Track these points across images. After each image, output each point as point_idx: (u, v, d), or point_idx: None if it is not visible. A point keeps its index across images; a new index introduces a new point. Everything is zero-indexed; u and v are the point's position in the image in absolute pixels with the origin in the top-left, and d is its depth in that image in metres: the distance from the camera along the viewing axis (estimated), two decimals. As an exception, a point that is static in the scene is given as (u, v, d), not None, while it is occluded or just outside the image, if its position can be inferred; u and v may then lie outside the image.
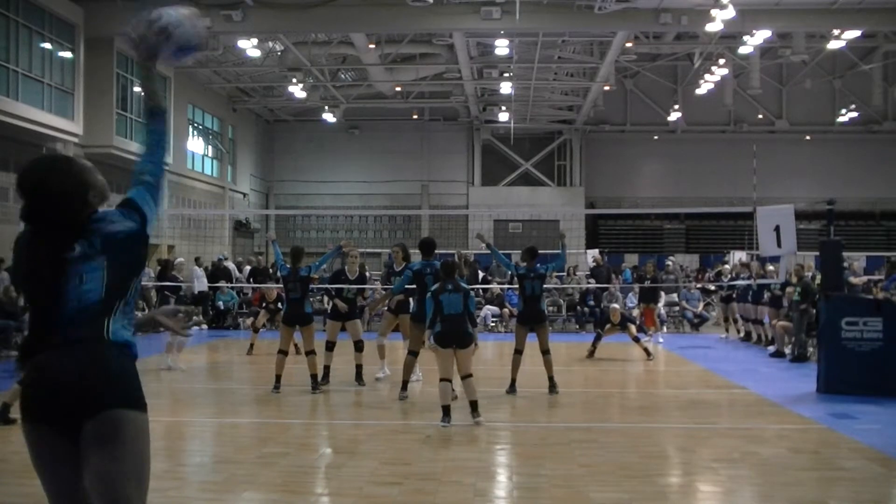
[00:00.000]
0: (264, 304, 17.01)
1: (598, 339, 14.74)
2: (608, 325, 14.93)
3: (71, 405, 2.85)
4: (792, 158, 33.08)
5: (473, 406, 8.48)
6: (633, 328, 14.66)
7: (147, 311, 20.14)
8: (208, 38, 22.96)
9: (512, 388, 10.43)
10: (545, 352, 10.46)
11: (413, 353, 10.27)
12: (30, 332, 2.96)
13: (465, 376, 8.52)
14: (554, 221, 32.93)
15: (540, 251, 10.99)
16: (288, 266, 10.88)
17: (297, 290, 10.72)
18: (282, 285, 11.57)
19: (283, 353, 10.67)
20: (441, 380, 8.51)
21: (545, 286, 11.08)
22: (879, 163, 33.67)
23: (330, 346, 11.39)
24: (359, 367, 11.29)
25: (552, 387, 10.42)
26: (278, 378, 10.56)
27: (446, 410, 8.43)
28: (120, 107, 21.53)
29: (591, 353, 14.44)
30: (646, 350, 14.32)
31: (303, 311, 10.72)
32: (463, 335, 8.54)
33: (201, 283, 21.31)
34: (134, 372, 3.08)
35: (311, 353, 10.54)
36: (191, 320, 10.41)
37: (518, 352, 10.47)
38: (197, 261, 22.09)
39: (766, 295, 16.28)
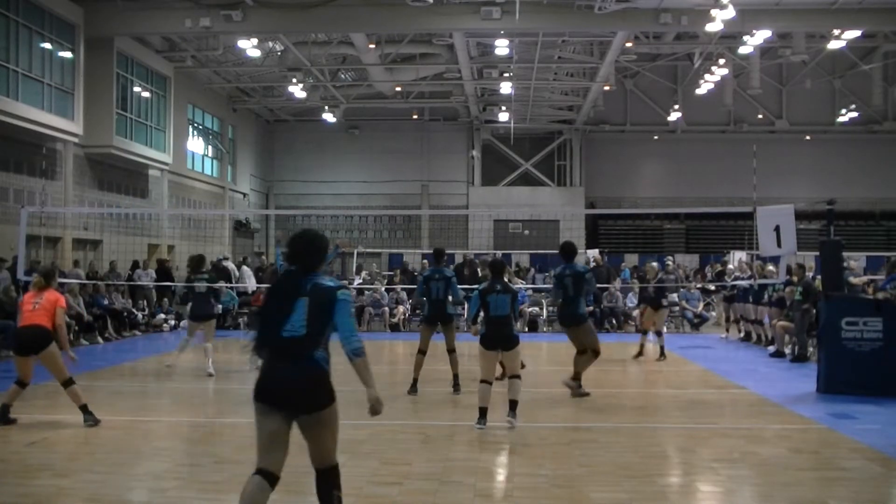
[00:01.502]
0: None
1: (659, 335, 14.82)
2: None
3: (292, 404, 4.45)
4: (792, 158, 33.07)
5: (512, 406, 8.39)
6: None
7: (148, 310, 20.18)
8: None
9: (579, 384, 10.42)
10: (581, 351, 10.45)
11: (422, 353, 10.37)
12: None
13: (513, 376, 8.48)
14: (554, 221, 32.96)
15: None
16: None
17: None
18: None
19: None
20: (481, 381, 8.49)
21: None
22: (879, 163, 33.67)
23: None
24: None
25: (575, 379, 10.49)
26: None
27: (483, 412, 8.37)
28: (120, 107, 21.52)
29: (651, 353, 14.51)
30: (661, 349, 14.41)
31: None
32: (509, 337, 8.48)
33: (251, 283, 21.56)
34: (328, 378, 4.54)
35: None
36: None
37: (580, 352, 10.46)
38: (245, 261, 22.14)
39: (767, 295, 16.28)
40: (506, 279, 8.96)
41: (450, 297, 10.73)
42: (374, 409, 4.67)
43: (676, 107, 32.43)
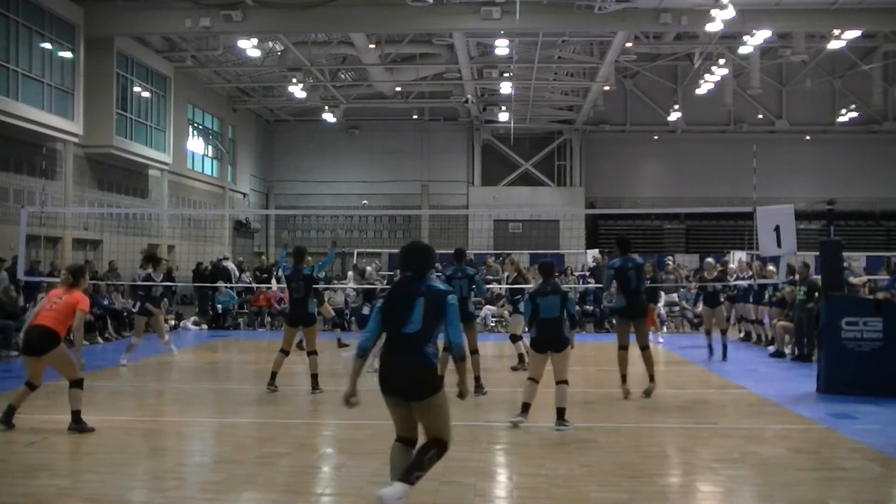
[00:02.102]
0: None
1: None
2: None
3: (406, 392, 5.11)
4: (792, 158, 33.06)
5: (560, 413, 8.27)
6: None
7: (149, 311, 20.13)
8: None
9: (653, 384, 10.30)
10: (644, 347, 10.33)
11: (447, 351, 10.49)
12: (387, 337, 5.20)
13: (560, 381, 8.31)
14: (554, 221, 32.95)
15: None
16: (290, 266, 10.86)
17: (301, 290, 10.67)
18: (284, 285, 11.62)
19: (284, 352, 10.66)
20: (529, 378, 8.52)
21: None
22: (879, 163, 33.66)
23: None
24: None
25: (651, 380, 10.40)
26: (273, 375, 10.56)
27: (525, 408, 8.40)
28: (120, 107, 21.53)
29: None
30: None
31: (306, 311, 10.67)
32: (559, 340, 8.36)
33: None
34: (436, 371, 5.16)
35: (312, 353, 10.54)
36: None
37: (623, 347, 10.35)
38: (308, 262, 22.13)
39: (767, 295, 16.27)
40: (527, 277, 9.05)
41: (473, 296, 10.88)
42: (463, 396, 5.36)
43: (676, 107, 32.43)
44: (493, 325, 20.32)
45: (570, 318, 8.44)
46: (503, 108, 31.01)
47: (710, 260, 16.07)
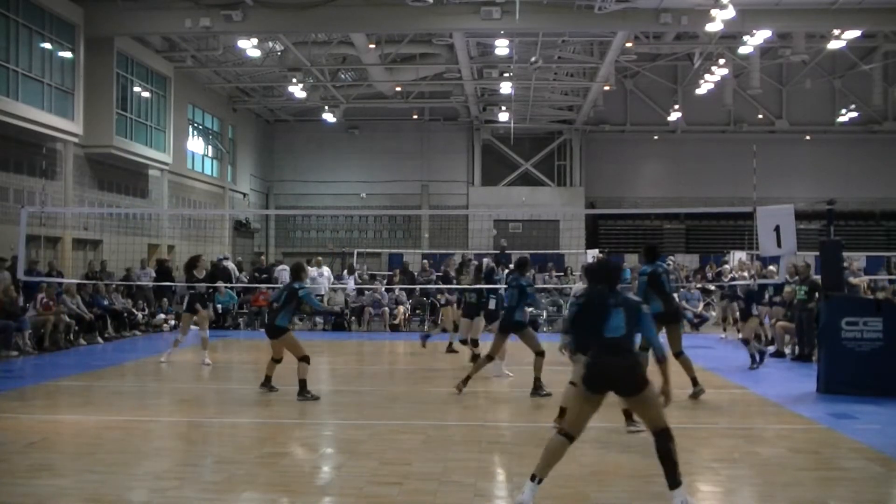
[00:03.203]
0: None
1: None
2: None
3: (621, 388, 5.71)
4: (792, 158, 33.06)
5: (628, 415, 8.30)
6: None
7: (147, 311, 20.17)
8: None
9: (699, 387, 10.16)
10: (678, 354, 10.04)
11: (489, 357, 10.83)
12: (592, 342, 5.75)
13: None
14: (554, 221, 32.95)
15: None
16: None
17: (280, 300, 10.53)
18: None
19: (275, 360, 10.55)
20: (571, 382, 8.47)
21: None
22: (879, 163, 33.66)
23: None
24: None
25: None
26: (268, 378, 10.53)
27: (563, 412, 8.34)
28: (120, 107, 21.52)
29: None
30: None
31: (273, 323, 10.49)
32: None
33: (327, 285, 21.60)
34: (644, 368, 5.74)
35: (302, 359, 10.20)
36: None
37: (677, 354, 9.99)
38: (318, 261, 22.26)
39: (767, 295, 16.27)
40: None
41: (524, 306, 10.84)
42: (667, 398, 5.79)
43: (676, 107, 32.43)
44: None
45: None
46: (503, 108, 31.00)
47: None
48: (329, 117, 32.21)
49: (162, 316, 20.51)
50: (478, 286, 14.02)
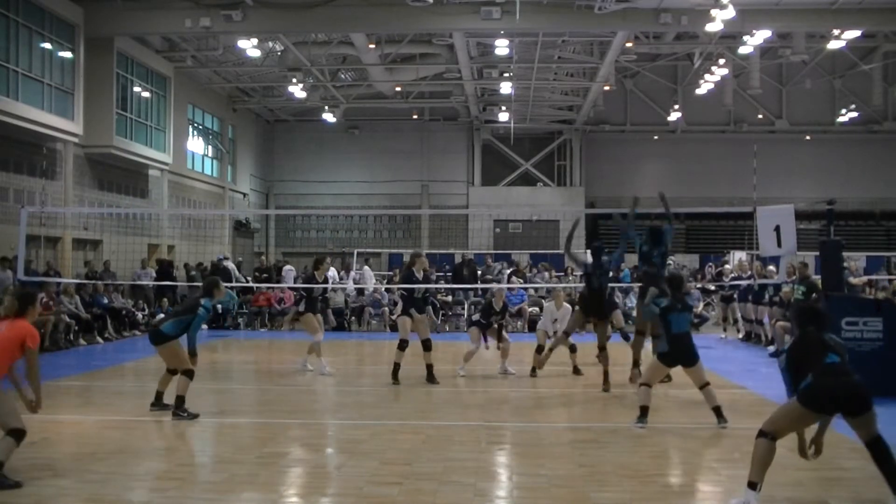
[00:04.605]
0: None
1: None
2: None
3: (855, 408, 6.01)
4: (792, 158, 33.06)
5: (718, 412, 8.58)
6: None
7: (148, 310, 20.17)
8: None
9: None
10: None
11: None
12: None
13: (703, 386, 8.78)
14: (554, 221, 32.94)
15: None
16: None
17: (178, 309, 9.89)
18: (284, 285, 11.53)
19: (169, 372, 9.50)
20: (641, 384, 8.73)
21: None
22: (879, 163, 33.65)
23: (403, 345, 11.45)
24: (429, 367, 11.45)
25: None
26: (159, 395, 9.60)
27: (644, 411, 8.53)
28: (120, 107, 21.52)
29: None
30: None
31: (158, 328, 9.41)
32: (691, 354, 8.81)
33: (371, 282, 21.63)
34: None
35: (185, 373, 9.19)
36: None
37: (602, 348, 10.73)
38: (367, 262, 22.22)
39: (767, 295, 16.27)
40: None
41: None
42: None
43: (676, 107, 32.43)
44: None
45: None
46: (503, 108, 31.01)
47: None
48: (329, 117, 32.21)
49: (162, 316, 20.48)
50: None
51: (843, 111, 32.52)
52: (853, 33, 22.38)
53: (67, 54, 19.44)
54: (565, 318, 12.54)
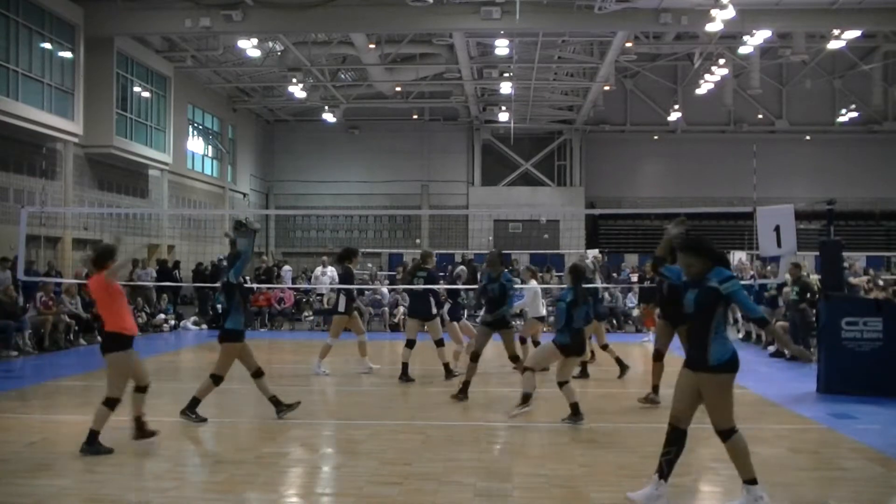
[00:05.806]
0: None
1: None
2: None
3: None
4: (792, 158, 33.07)
5: (575, 408, 8.69)
6: None
7: (148, 309, 20.16)
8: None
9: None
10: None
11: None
12: None
13: (565, 383, 8.82)
14: (554, 221, 32.95)
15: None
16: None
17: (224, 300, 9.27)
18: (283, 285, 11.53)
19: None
20: (526, 369, 8.89)
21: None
22: (879, 163, 33.68)
23: (410, 344, 11.50)
24: (445, 365, 11.64)
25: None
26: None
27: (527, 398, 8.62)
28: (120, 107, 21.53)
29: None
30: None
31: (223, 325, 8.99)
32: (584, 346, 9.02)
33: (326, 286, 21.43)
34: None
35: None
36: None
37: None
38: (324, 264, 22.19)
39: (766, 295, 16.29)
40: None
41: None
42: None
43: (676, 107, 32.44)
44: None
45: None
46: (503, 108, 31.01)
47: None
48: (329, 117, 32.22)
49: (162, 316, 20.50)
50: None
51: (843, 111, 32.53)
52: (853, 33, 22.40)
53: (67, 54, 19.45)
54: (535, 297, 12.74)
